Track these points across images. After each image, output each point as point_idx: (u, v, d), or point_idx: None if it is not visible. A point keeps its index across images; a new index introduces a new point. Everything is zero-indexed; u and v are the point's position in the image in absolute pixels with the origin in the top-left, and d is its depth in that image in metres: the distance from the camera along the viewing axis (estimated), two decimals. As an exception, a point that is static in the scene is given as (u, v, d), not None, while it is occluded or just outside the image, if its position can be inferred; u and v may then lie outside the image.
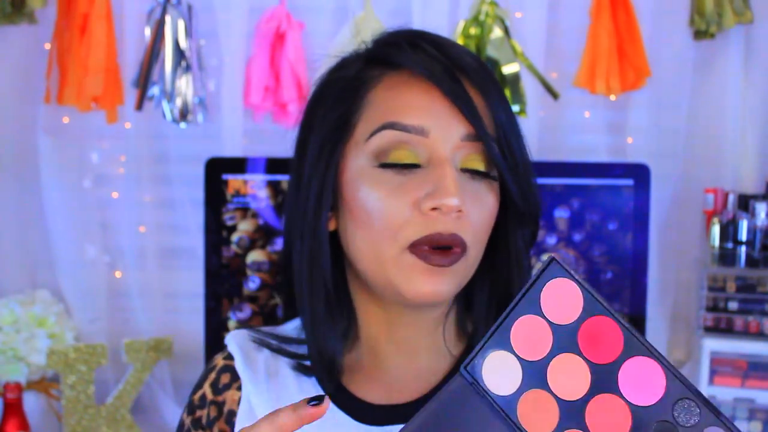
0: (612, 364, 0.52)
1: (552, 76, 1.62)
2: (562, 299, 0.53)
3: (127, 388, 1.49)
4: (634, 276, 1.43)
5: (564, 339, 0.53)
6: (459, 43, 0.86)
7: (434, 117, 0.78)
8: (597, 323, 0.52)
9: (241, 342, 0.88)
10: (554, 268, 0.54)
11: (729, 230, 1.50)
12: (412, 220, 0.77)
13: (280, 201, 1.40)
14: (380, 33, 0.85)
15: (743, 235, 1.50)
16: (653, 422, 0.51)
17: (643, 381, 0.51)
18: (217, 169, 1.41)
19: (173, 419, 1.61)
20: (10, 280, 1.67)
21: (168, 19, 1.52)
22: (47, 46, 1.58)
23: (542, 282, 0.54)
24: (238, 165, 1.42)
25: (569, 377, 0.53)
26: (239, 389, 0.86)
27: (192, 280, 1.61)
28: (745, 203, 1.53)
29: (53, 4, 1.55)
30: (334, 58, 0.87)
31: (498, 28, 1.55)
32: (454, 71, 0.79)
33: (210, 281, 1.42)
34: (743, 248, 1.50)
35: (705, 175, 1.63)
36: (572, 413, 0.53)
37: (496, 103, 0.80)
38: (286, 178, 1.39)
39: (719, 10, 1.54)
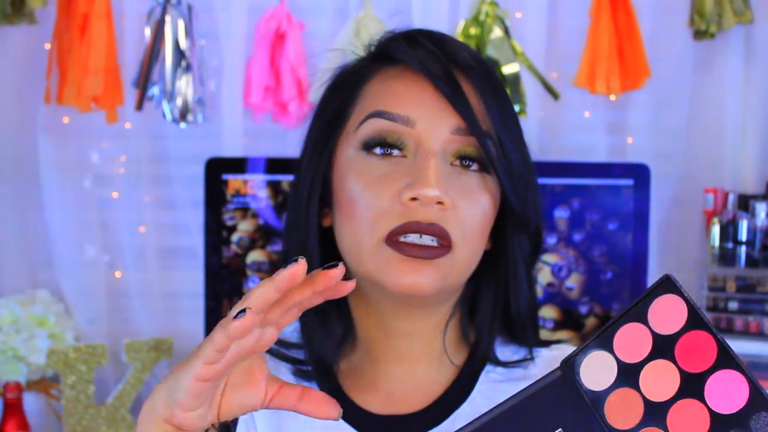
0: (702, 373, 0.56)
1: (552, 76, 1.62)
2: (668, 312, 0.57)
3: (127, 388, 1.49)
4: (634, 276, 1.43)
5: (662, 347, 0.57)
6: (461, 41, 0.85)
7: (422, 108, 0.77)
8: (695, 336, 0.57)
9: None
10: (667, 284, 0.58)
11: (729, 230, 1.50)
12: (390, 211, 0.75)
13: (281, 201, 1.40)
14: (387, 31, 0.85)
15: (743, 235, 1.49)
16: (729, 430, 0.55)
17: (728, 391, 0.55)
18: (217, 169, 1.41)
19: (173, 419, 1.61)
20: (10, 280, 1.67)
21: (168, 19, 1.52)
22: (47, 46, 1.58)
23: (654, 296, 0.58)
24: (238, 165, 1.42)
25: (659, 380, 0.57)
26: None
27: (192, 280, 1.61)
28: (745, 203, 1.53)
29: (53, 4, 1.54)
30: (335, 51, 0.87)
31: (498, 28, 1.55)
32: (450, 66, 0.78)
33: (210, 281, 1.42)
34: (743, 248, 1.50)
35: (705, 175, 1.63)
36: (656, 413, 0.56)
37: (491, 101, 0.79)
38: (286, 178, 1.39)
39: (719, 10, 1.54)
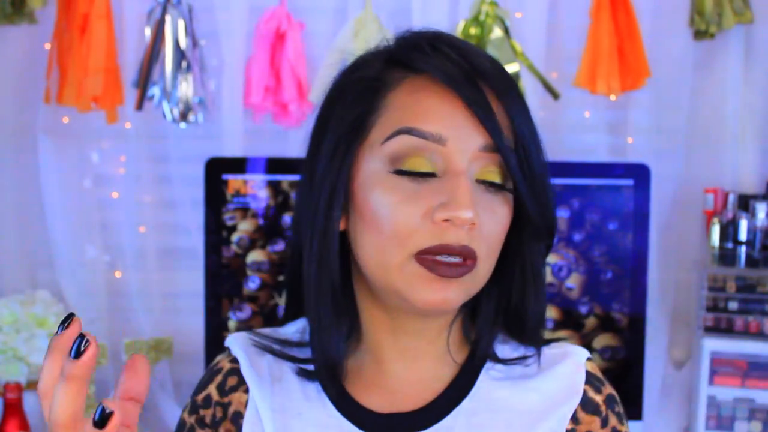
0: None
1: (552, 76, 1.62)
2: None
3: (127, 388, 1.49)
4: (634, 276, 1.43)
5: None
6: (479, 48, 0.84)
7: (453, 126, 0.77)
8: None
9: (244, 346, 0.87)
10: None
11: (729, 230, 1.50)
12: (422, 229, 0.75)
13: (280, 201, 1.40)
14: (402, 32, 0.83)
15: (743, 235, 1.50)
16: None
17: None
18: (217, 169, 1.41)
19: (173, 419, 1.61)
20: (10, 280, 1.67)
21: (168, 19, 1.52)
22: (47, 46, 1.58)
23: None
24: (238, 165, 1.42)
25: None
26: (246, 392, 0.85)
27: (192, 280, 1.61)
28: (745, 203, 1.53)
29: (53, 4, 1.55)
30: (337, 53, 0.86)
31: (498, 28, 1.55)
32: (476, 78, 0.77)
33: (210, 281, 1.42)
34: (743, 248, 1.50)
35: (705, 175, 1.63)
36: None
37: (516, 111, 0.78)
38: (286, 178, 1.39)
39: (719, 10, 1.54)
